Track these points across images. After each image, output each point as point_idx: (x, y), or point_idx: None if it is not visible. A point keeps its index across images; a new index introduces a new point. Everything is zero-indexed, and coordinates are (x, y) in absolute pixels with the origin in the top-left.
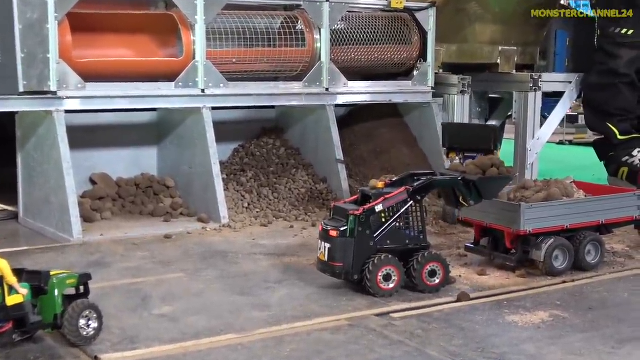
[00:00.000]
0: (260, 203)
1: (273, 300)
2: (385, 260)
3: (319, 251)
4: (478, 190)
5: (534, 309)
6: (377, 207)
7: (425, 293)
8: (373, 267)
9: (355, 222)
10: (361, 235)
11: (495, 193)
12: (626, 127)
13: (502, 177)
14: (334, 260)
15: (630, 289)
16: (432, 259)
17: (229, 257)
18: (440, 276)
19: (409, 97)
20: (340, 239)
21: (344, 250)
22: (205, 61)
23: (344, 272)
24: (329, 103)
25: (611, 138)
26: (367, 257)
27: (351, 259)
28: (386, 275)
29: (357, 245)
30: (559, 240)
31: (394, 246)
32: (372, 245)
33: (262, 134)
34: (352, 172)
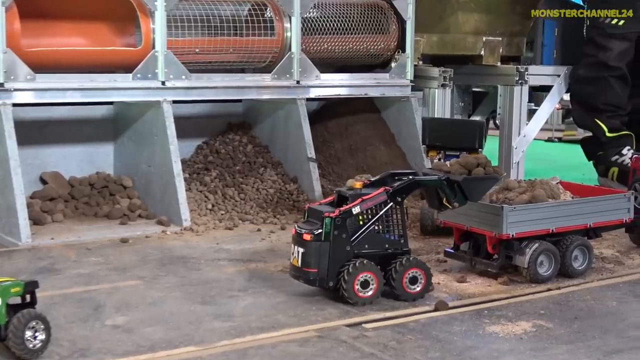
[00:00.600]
0: (225, 204)
1: (236, 310)
2: (362, 266)
3: (292, 256)
4: (463, 191)
5: (516, 319)
6: (354, 209)
7: (407, 301)
8: (350, 274)
9: (330, 225)
10: (337, 239)
11: (482, 194)
12: (615, 124)
13: (488, 177)
14: (308, 266)
15: (619, 297)
16: (413, 265)
17: (190, 263)
18: (422, 283)
19: (386, 90)
20: (314, 243)
21: (318, 256)
22: (166, 51)
23: (319, 278)
24: (300, 97)
25: (599, 135)
26: (343, 263)
27: (326, 264)
28: (364, 282)
29: (332, 250)
30: (544, 245)
31: (373, 251)
32: (348, 250)
33: (228, 130)
34: (325, 171)
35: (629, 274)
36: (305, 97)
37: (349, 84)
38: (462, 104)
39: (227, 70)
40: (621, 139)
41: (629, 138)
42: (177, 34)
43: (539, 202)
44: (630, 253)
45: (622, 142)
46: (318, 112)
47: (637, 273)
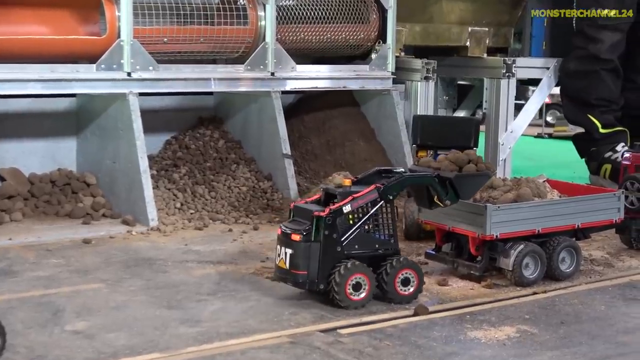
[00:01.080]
0: (195, 203)
1: (204, 315)
2: (355, 267)
3: (278, 258)
4: (454, 188)
5: (499, 324)
6: (344, 207)
7: (399, 304)
8: (341, 275)
9: (320, 225)
10: (327, 239)
11: (473, 192)
12: (609, 119)
13: (480, 174)
14: (297, 267)
15: (608, 301)
16: (405, 265)
17: (156, 265)
18: (414, 285)
19: (366, 83)
20: (303, 244)
21: (308, 257)
22: (132, 40)
23: (308, 281)
24: (275, 89)
25: (592, 132)
26: (334, 264)
27: (316, 266)
28: (356, 285)
29: (323, 251)
30: (530, 247)
31: (363, 251)
32: (339, 251)
33: (198, 124)
34: (301, 168)
35: (618, 277)
36: (280, 90)
37: (327, 76)
38: (446, 97)
39: (198, 61)
40: (615, 135)
41: (623, 134)
42: (144, 22)
43: (525, 201)
44: (620, 255)
45: (616, 138)
46: (294, 106)
47: (627, 276)
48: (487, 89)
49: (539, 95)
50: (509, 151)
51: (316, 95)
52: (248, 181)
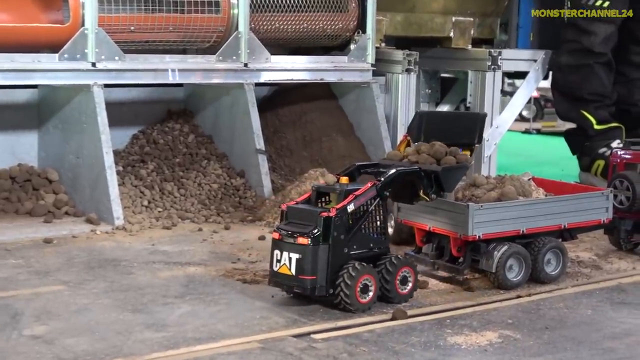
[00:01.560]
0: (163, 201)
1: (171, 319)
2: (362, 269)
3: (278, 264)
4: (439, 182)
5: (481, 329)
6: (348, 206)
7: (396, 303)
8: (351, 278)
9: (329, 226)
10: (336, 240)
11: (455, 184)
12: (604, 115)
13: (462, 166)
14: (304, 272)
15: (595, 305)
16: (403, 264)
17: (121, 267)
18: (411, 283)
19: (344, 75)
20: (312, 247)
21: (315, 261)
22: (97, 28)
23: (318, 286)
24: (248, 81)
25: (587, 129)
26: (340, 267)
27: (325, 270)
28: (364, 287)
29: (332, 253)
30: (514, 248)
31: (361, 251)
32: (346, 253)
33: (167, 118)
34: (276, 164)
35: (606, 280)
36: (253, 82)
37: (303, 68)
38: (429, 90)
39: (167, 51)
40: (610, 132)
41: (618, 130)
42: (109, 10)
43: (509, 200)
44: (609, 257)
45: (611, 134)
46: (268, 99)
47: (615, 279)
48: (472, 82)
49: (525, 89)
50: (494, 147)
51: (292, 87)
52: (219, 178)
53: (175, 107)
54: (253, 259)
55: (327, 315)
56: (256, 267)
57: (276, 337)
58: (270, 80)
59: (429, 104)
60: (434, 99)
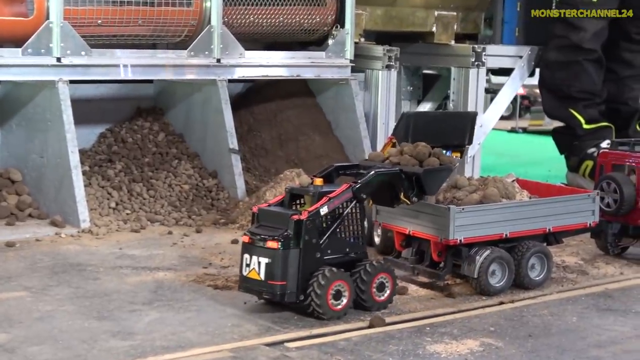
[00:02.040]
0: (132, 203)
1: (139, 327)
2: (334, 274)
3: (247, 268)
4: (420, 184)
5: (462, 337)
6: (321, 209)
7: (374, 311)
8: (322, 285)
9: (300, 229)
10: (308, 245)
11: (438, 187)
12: (593, 114)
13: (444, 168)
14: (274, 278)
15: (580, 312)
16: (380, 269)
17: (86, 272)
18: (389, 289)
19: (322, 71)
20: (282, 251)
21: (286, 265)
22: (62, 22)
23: (288, 292)
24: (221, 77)
25: (575, 127)
26: (312, 272)
27: (296, 275)
28: (336, 293)
29: (303, 258)
30: (497, 252)
31: (336, 256)
32: (318, 258)
33: (136, 116)
34: (250, 164)
35: (592, 286)
36: (227, 78)
37: (279, 64)
38: (410, 88)
39: (136, 46)
40: (600, 131)
41: (608, 130)
42: (75, 2)
43: (492, 202)
44: (595, 261)
45: (601, 134)
46: (242, 96)
47: (602, 284)
48: (455, 79)
49: (511, 86)
50: (478, 147)
51: (267, 84)
52: (191, 179)
53: (145, 104)
54: (225, 264)
55: (301, 322)
56: (228, 273)
57: (248, 345)
58: (245, 77)
59: (410, 102)
60: (415, 97)
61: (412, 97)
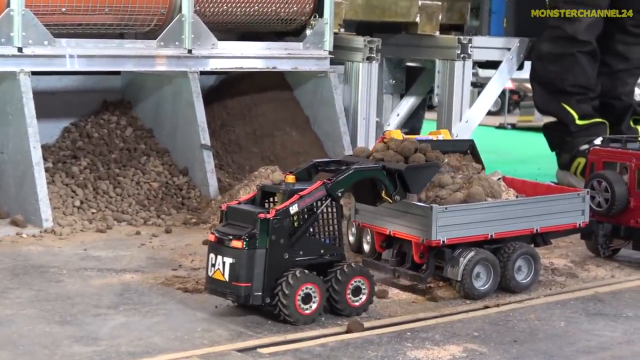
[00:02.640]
0: (97, 201)
1: (104, 331)
2: (303, 276)
3: (212, 268)
4: (404, 182)
5: (444, 342)
6: (291, 207)
7: (349, 316)
8: (290, 286)
9: (266, 229)
10: (274, 245)
11: (423, 185)
12: (586, 109)
13: (430, 165)
14: (238, 279)
15: (569, 317)
16: (356, 273)
17: (49, 274)
18: (366, 294)
19: (299, 63)
20: (247, 251)
21: (251, 266)
22: (24, 10)
23: (253, 294)
24: (193, 69)
25: (568, 123)
26: (280, 274)
27: (262, 276)
28: (306, 296)
29: (269, 259)
30: (482, 254)
31: (308, 258)
32: (286, 259)
33: (102, 109)
34: (223, 161)
35: (582, 289)
36: (198, 70)
37: (254, 55)
38: (392, 81)
39: (102, 35)
40: (593, 128)
41: (602, 126)
42: None
43: (476, 201)
44: (585, 264)
45: (594, 130)
46: (215, 89)
47: (592, 287)
48: (440, 71)
49: (498, 80)
50: None
51: (241, 77)
52: (160, 176)
53: (112, 97)
54: (196, 266)
55: (275, 327)
56: (199, 275)
57: (219, 351)
58: (217, 69)
59: (392, 96)
60: (398, 91)
61: (395, 91)
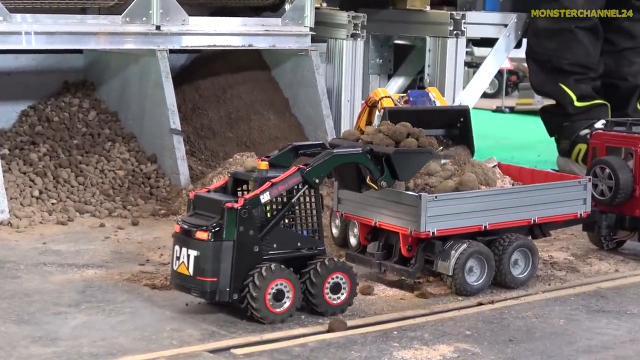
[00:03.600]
0: (58, 191)
1: (64, 331)
2: (275, 271)
3: (177, 262)
4: (391, 167)
5: (434, 342)
6: (262, 196)
7: (327, 315)
8: (260, 282)
9: (234, 219)
10: (243, 237)
11: (414, 172)
12: (586, 90)
13: (422, 151)
14: (204, 273)
15: (568, 314)
16: (335, 268)
17: (5, 269)
18: (347, 291)
19: (277, 41)
20: (213, 243)
21: (217, 260)
22: None
23: (219, 290)
24: (161, 47)
25: (565, 105)
26: (250, 268)
27: (229, 271)
28: (278, 293)
29: (237, 252)
30: (475, 247)
31: (283, 252)
32: (257, 252)
33: (63, 91)
34: (195, 147)
35: (583, 284)
36: (168, 48)
37: (228, 32)
38: (380, 60)
39: (62, 10)
40: (593, 110)
41: (603, 108)
42: None
43: (469, 189)
44: (587, 257)
45: (594, 113)
46: (186, 69)
47: (594, 283)
48: (430, 50)
49: (494, 59)
50: None
51: (214, 55)
52: (126, 163)
53: (73, 78)
54: (165, 261)
55: (251, 326)
56: (168, 271)
57: (189, 352)
58: (188, 47)
59: (379, 77)
60: (385, 71)
61: (382, 71)
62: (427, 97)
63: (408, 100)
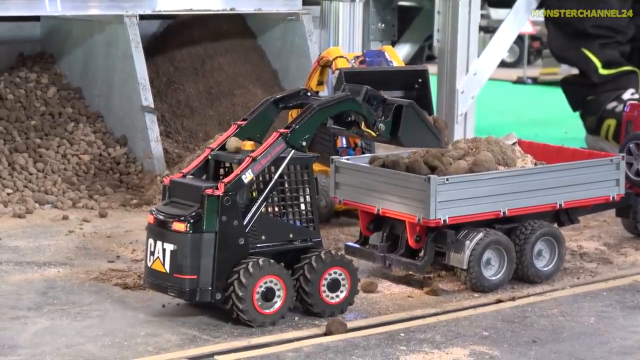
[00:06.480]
0: (14, 179)
1: (24, 337)
2: (264, 267)
3: (151, 257)
4: (398, 118)
5: (446, 344)
6: (244, 175)
7: (323, 316)
8: (247, 279)
9: (215, 208)
10: (226, 227)
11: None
12: (613, 55)
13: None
14: (181, 270)
15: (600, 311)
16: (333, 262)
17: None
18: (346, 288)
19: (264, 4)
20: (191, 236)
21: (197, 254)
22: None
23: (199, 289)
24: (130, 12)
25: (589, 73)
26: (235, 264)
27: (211, 267)
28: (267, 292)
29: (220, 245)
30: (492, 236)
31: (272, 244)
32: (242, 245)
33: (18, 65)
34: (171, 127)
35: (617, 277)
36: (137, 14)
37: None
38: (382, 25)
39: None
40: (621, 79)
41: (632, 76)
42: None
43: (485, 170)
44: (622, 247)
45: (622, 82)
46: (159, 38)
47: (629, 275)
48: (440, 12)
49: (513, 22)
50: (471, 102)
51: (192, 21)
52: (92, 147)
53: (29, 49)
54: (137, 257)
55: (237, 330)
56: (141, 268)
57: None
58: (161, 11)
59: (382, 44)
60: (388, 37)
61: (384, 38)
62: (384, 56)
63: (364, 60)
